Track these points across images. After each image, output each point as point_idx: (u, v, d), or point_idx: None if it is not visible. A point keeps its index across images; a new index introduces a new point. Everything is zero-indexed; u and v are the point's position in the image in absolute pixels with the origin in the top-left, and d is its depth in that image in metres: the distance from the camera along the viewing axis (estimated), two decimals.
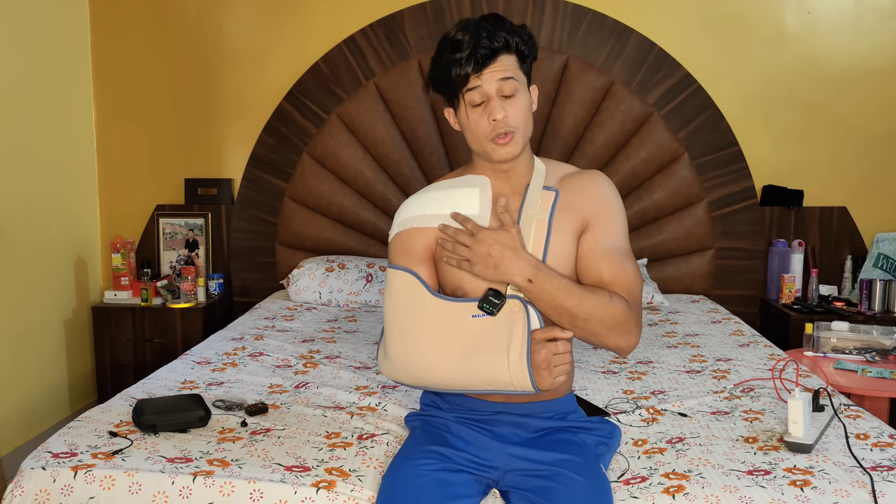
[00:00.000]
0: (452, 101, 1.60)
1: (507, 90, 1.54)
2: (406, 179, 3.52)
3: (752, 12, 3.45)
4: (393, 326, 1.63)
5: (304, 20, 3.56)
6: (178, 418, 1.78)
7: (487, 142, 1.56)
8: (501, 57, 1.54)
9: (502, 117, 1.53)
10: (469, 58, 1.52)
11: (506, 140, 1.55)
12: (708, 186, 3.45)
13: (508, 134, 1.55)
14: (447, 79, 1.56)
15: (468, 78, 1.53)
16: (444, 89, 1.59)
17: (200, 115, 3.65)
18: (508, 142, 1.55)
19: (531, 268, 1.52)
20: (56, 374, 3.33)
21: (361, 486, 1.54)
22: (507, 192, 1.63)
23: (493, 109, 1.53)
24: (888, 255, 3.27)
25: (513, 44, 1.55)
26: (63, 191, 3.42)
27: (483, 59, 1.52)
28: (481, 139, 1.57)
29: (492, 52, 1.52)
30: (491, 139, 1.55)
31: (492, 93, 1.54)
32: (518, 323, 1.53)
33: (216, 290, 3.53)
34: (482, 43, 1.52)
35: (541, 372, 1.52)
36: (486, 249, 1.53)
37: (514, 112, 1.55)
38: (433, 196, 1.67)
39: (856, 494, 1.50)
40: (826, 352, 2.70)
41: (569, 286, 1.52)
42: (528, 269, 1.52)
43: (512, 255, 1.52)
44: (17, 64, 3.08)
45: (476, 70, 1.53)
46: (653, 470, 1.61)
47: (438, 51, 1.58)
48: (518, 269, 1.51)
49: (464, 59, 1.52)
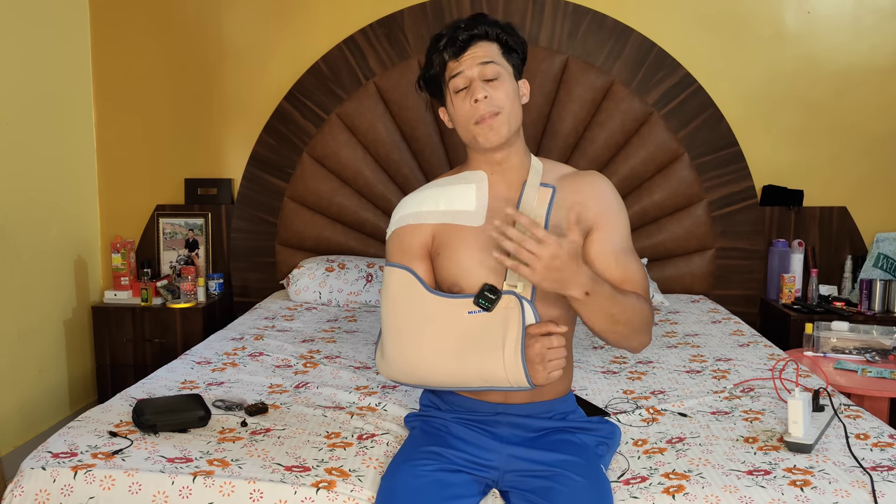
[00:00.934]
0: (441, 97, 1.64)
1: (489, 73, 1.57)
2: (406, 179, 3.52)
3: (752, 12, 3.45)
4: (390, 325, 1.63)
5: (304, 20, 3.56)
6: (178, 418, 1.78)
7: (472, 125, 1.58)
8: (481, 43, 1.58)
9: (483, 96, 1.55)
10: (448, 44, 1.58)
11: (490, 120, 1.56)
12: (708, 186, 3.45)
13: (492, 115, 1.56)
14: (431, 70, 1.61)
15: (447, 64, 1.58)
16: (432, 85, 1.64)
17: (200, 115, 3.65)
18: (493, 122, 1.56)
19: (590, 280, 1.46)
20: (56, 374, 3.33)
21: (361, 487, 1.54)
22: (504, 188, 1.64)
23: (474, 90, 1.56)
24: (888, 255, 3.27)
25: (493, 33, 1.59)
26: (63, 191, 3.42)
27: (462, 43, 1.57)
28: (467, 124, 1.59)
29: (470, 38, 1.57)
30: (475, 122, 1.57)
31: (473, 75, 1.57)
32: (513, 318, 1.53)
33: (216, 290, 3.53)
34: (460, 31, 1.57)
35: (535, 366, 1.51)
36: (552, 259, 1.40)
37: (498, 94, 1.56)
38: (429, 194, 1.67)
39: (856, 494, 1.50)
40: (826, 352, 2.70)
41: (614, 293, 1.50)
42: (587, 281, 1.45)
43: (576, 268, 1.42)
44: (17, 64, 3.08)
45: (455, 55, 1.58)
46: (653, 470, 1.61)
47: (427, 52, 1.64)
48: (579, 282, 1.44)
49: (442, 45, 1.58)
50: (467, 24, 1.58)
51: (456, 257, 1.61)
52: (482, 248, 1.59)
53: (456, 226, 1.62)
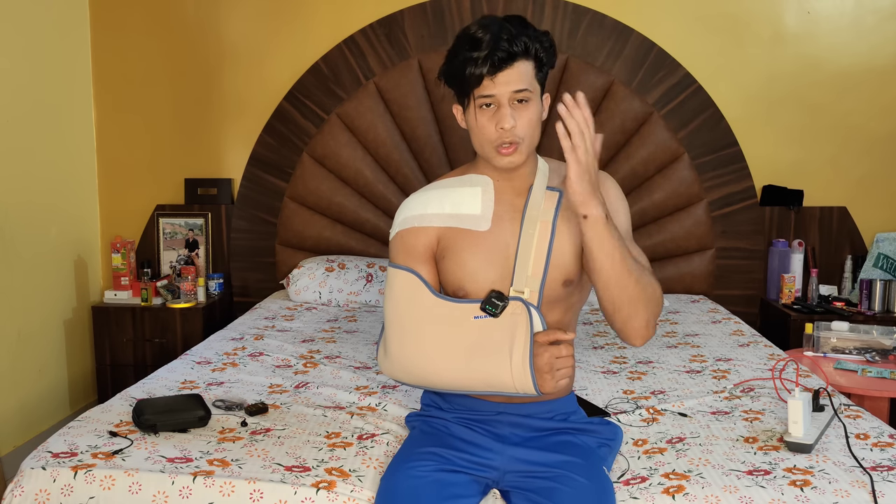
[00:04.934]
0: (462, 100, 1.57)
1: (519, 97, 1.51)
2: (406, 179, 3.52)
3: (752, 12, 3.44)
4: (394, 326, 1.63)
5: (304, 20, 3.56)
6: (178, 418, 1.78)
7: (492, 148, 1.54)
8: (519, 62, 1.49)
9: (510, 127, 1.50)
10: (486, 59, 1.47)
11: (510, 150, 1.52)
12: (708, 186, 3.45)
13: (514, 144, 1.52)
14: (460, 76, 1.52)
15: (482, 79, 1.49)
16: (456, 86, 1.56)
17: (200, 115, 3.65)
18: (513, 152, 1.53)
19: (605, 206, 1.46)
20: (56, 374, 3.33)
21: (361, 487, 1.54)
22: (510, 193, 1.62)
23: (502, 118, 1.50)
24: (888, 255, 3.27)
25: (532, 50, 1.51)
26: (63, 191, 3.42)
27: (500, 62, 1.47)
28: (486, 144, 1.54)
29: (509, 56, 1.48)
30: (496, 147, 1.53)
31: (503, 100, 1.50)
32: (521, 325, 1.53)
33: (216, 290, 3.53)
34: (501, 45, 1.47)
35: (543, 376, 1.51)
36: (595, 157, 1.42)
37: (522, 122, 1.51)
38: (434, 195, 1.66)
39: (856, 494, 1.50)
40: (826, 352, 2.70)
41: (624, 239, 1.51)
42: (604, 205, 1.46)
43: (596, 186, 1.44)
44: (17, 64, 3.08)
45: (491, 72, 1.48)
46: (653, 470, 1.61)
47: (456, 45, 1.54)
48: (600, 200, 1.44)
49: (480, 59, 1.48)
50: (509, 39, 1.47)
51: (461, 261, 1.60)
52: (488, 251, 1.58)
53: (462, 229, 1.61)
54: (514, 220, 1.60)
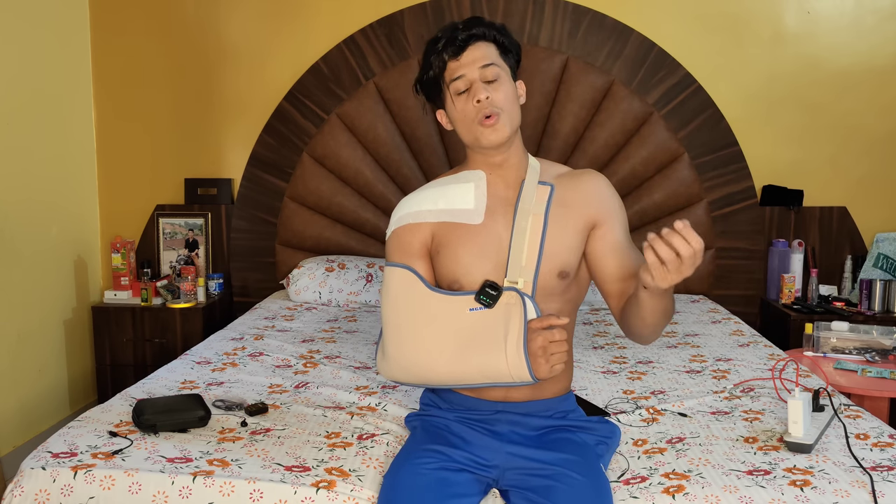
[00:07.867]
0: (440, 100, 1.65)
1: (489, 75, 1.59)
2: (406, 179, 3.52)
3: (751, 12, 3.45)
4: (391, 324, 1.64)
5: (304, 20, 3.56)
6: (178, 418, 1.78)
7: (475, 125, 1.59)
8: (479, 44, 1.59)
9: (485, 97, 1.56)
10: (447, 45, 1.59)
11: (492, 121, 1.57)
12: (708, 186, 3.45)
13: (493, 115, 1.57)
14: (429, 70, 1.62)
15: (446, 64, 1.59)
16: (431, 87, 1.65)
17: (200, 115, 3.65)
18: (495, 121, 1.57)
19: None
20: (56, 374, 3.33)
21: (361, 486, 1.54)
22: (502, 187, 1.66)
23: (475, 91, 1.58)
24: (888, 255, 3.27)
25: (490, 34, 1.61)
26: (63, 191, 3.42)
27: (461, 43, 1.58)
28: (470, 126, 1.60)
29: (468, 38, 1.58)
30: (479, 122, 1.58)
31: (474, 76, 1.58)
32: (515, 313, 1.54)
33: (216, 290, 3.53)
34: (458, 33, 1.59)
35: (537, 360, 1.52)
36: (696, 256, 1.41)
37: (498, 96, 1.58)
38: (428, 193, 1.69)
39: (856, 494, 1.50)
40: (826, 352, 2.70)
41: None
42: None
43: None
44: (17, 64, 3.08)
45: (454, 55, 1.59)
46: (653, 470, 1.61)
47: (423, 55, 1.65)
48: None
49: (441, 46, 1.59)
50: (465, 25, 1.60)
51: (456, 255, 1.62)
52: (482, 244, 1.61)
53: (455, 224, 1.63)
54: (506, 213, 1.63)
